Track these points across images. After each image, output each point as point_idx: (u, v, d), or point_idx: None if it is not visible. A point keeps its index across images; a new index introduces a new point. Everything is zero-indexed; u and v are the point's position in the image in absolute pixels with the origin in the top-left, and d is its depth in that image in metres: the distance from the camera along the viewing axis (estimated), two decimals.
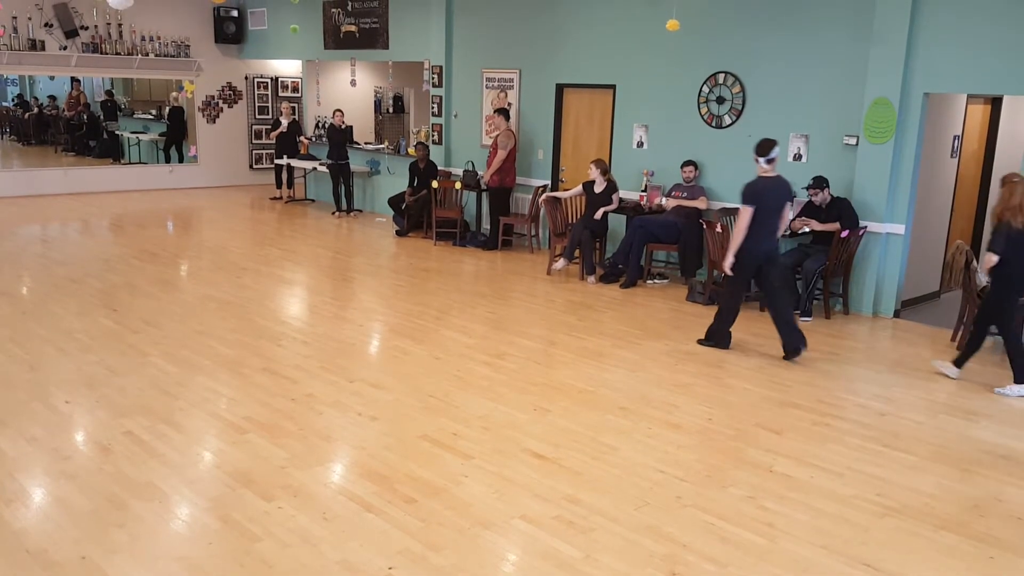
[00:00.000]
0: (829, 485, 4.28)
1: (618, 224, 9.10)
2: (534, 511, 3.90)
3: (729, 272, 6.38)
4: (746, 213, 6.17)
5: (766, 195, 6.23)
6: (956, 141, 8.18)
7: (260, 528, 3.68)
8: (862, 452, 4.69)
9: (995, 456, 4.71)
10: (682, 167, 8.76)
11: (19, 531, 3.61)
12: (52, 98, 17.81)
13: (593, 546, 3.61)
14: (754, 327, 7.16)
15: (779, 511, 3.99)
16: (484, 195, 10.66)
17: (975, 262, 6.69)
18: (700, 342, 6.67)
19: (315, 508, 3.88)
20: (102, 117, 16.64)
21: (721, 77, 8.57)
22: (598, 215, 8.81)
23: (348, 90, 13.87)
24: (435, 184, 10.50)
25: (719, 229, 7.58)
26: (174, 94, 15.44)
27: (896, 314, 7.69)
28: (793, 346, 6.27)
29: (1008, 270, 5.63)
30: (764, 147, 6.27)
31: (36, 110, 18.14)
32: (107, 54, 13.74)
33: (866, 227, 7.52)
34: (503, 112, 10.20)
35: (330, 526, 3.72)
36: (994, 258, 5.62)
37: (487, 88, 10.97)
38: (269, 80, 15.64)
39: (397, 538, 3.63)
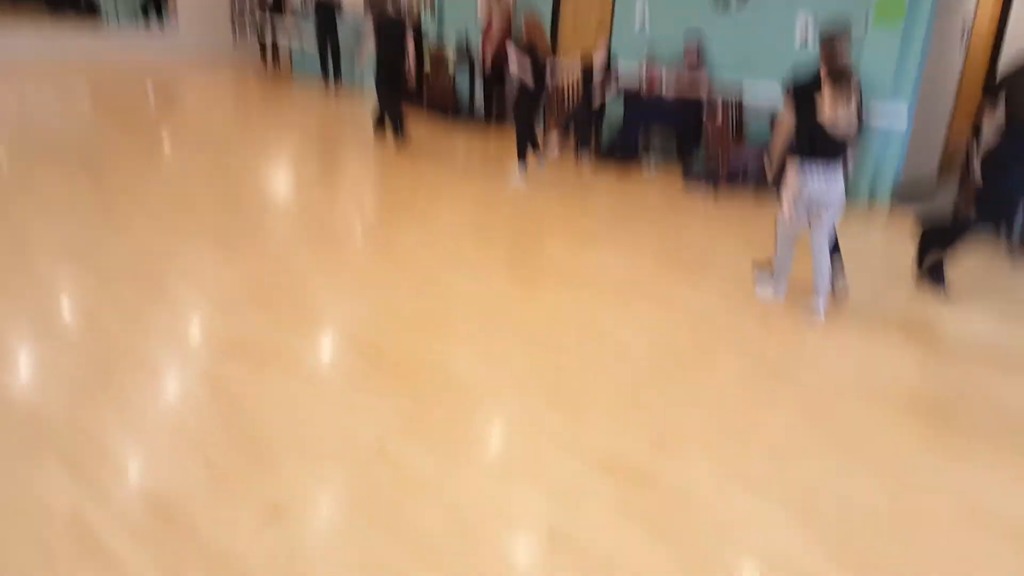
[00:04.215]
0: (815, 370, 4.31)
1: (616, 109, 8.88)
2: (525, 388, 3.92)
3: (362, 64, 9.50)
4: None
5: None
6: (966, 27, 7.92)
7: (251, 397, 3.69)
8: (849, 339, 4.70)
9: (981, 346, 4.75)
10: (684, 52, 8.48)
11: (5, 393, 3.59)
12: None
13: (583, 423, 3.64)
14: (748, 232, 7.10)
15: (766, 394, 4.02)
16: (477, 71, 10.34)
17: (975, 151, 6.58)
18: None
19: (305, 379, 3.88)
20: None
21: None
22: (595, 97, 8.58)
23: None
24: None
25: (720, 119, 7.39)
26: None
27: (892, 203, 7.63)
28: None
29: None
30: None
31: None
32: None
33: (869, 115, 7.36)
34: None
35: (321, 396, 3.73)
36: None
37: None
38: None
39: (387, 408, 3.65)
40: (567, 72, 8.98)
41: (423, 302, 4.85)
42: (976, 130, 5.28)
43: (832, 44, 4.98)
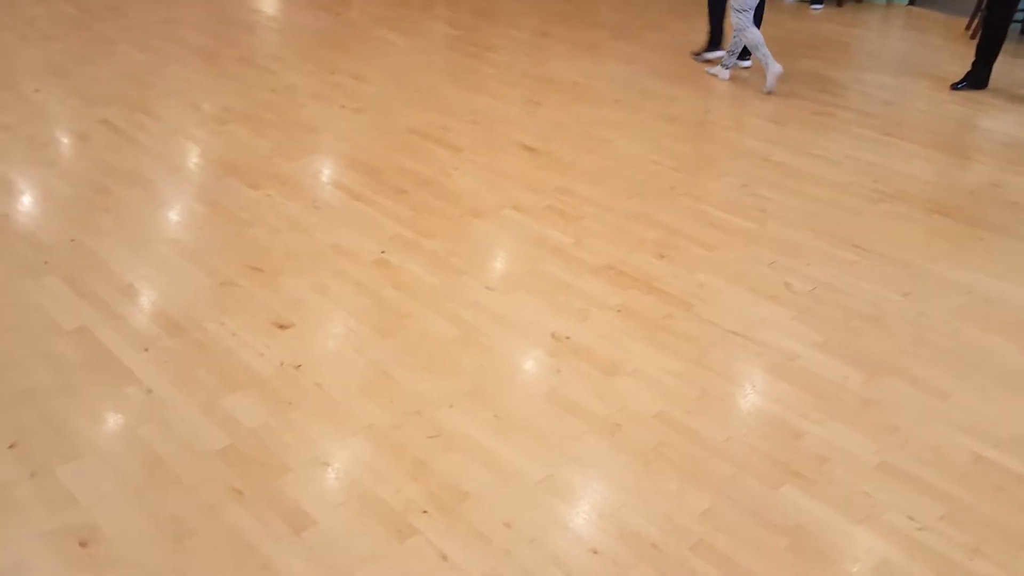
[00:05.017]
0: (825, 173, 4.22)
1: None
2: (525, 201, 3.86)
3: None
4: None
5: None
6: None
7: (250, 214, 3.65)
8: (862, 141, 4.58)
9: (998, 144, 4.62)
10: None
11: (3, 215, 3.56)
12: None
13: (584, 233, 3.61)
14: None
15: (772, 198, 3.96)
16: None
17: None
18: None
19: (304, 197, 3.82)
20: None
21: None
22: None
23: None
24: None
25: None
26: None
27: (911, 1, 7.24)
28: None
29: None
30: None
31: None
32: None
33: None
34: None
35: (320, 213, 3.68)
36: None
37: None
38: None
39: (388, 225, 3.61)
40: None
41: (421, 117, 4.70)
42: None
43: None
